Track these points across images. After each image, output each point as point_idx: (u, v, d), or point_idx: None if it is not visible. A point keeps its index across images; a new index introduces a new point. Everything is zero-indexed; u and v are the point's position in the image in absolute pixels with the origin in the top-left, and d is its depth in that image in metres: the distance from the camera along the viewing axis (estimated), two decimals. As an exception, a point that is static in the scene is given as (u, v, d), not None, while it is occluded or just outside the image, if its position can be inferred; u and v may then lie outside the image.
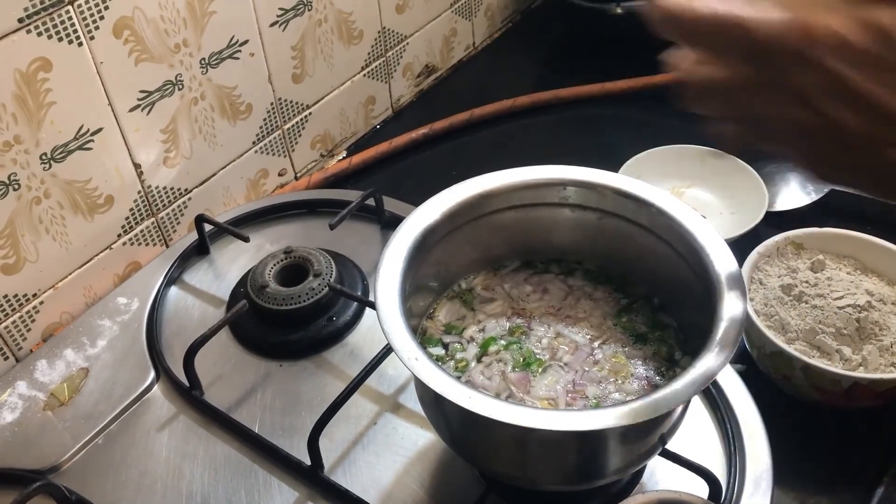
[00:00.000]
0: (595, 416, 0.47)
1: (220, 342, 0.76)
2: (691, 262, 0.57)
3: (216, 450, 0.68)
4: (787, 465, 0.67)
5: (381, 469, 0.66)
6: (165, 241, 0.89)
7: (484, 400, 0.47)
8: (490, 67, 1.26)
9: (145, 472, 0.67)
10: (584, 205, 0.62)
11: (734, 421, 0.66)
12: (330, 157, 1.08)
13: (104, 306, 0.81)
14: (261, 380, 0.73)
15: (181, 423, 0.70)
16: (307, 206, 0.91)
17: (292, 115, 0.99)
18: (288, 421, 0.70)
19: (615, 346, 0.60)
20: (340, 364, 0.74)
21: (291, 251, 0.79)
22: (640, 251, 0.62)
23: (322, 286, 0.76)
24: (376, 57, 1.08)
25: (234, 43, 0.88)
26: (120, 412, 0.71)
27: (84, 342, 0.77)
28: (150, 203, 0.86)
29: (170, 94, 0.83)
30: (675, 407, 0.48)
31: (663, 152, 0.94)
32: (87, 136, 0.77)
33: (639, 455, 0.55)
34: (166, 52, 0.81)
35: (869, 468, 0.67)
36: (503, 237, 0.65)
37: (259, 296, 0.75)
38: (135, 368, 0.74)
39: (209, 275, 0.84)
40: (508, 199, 0.63)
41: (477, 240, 0.63)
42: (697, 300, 0.56)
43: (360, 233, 0.87)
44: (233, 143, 0.93)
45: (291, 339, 0.75)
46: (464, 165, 1.05)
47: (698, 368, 0.49)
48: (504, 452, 0.55)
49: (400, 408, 0.70)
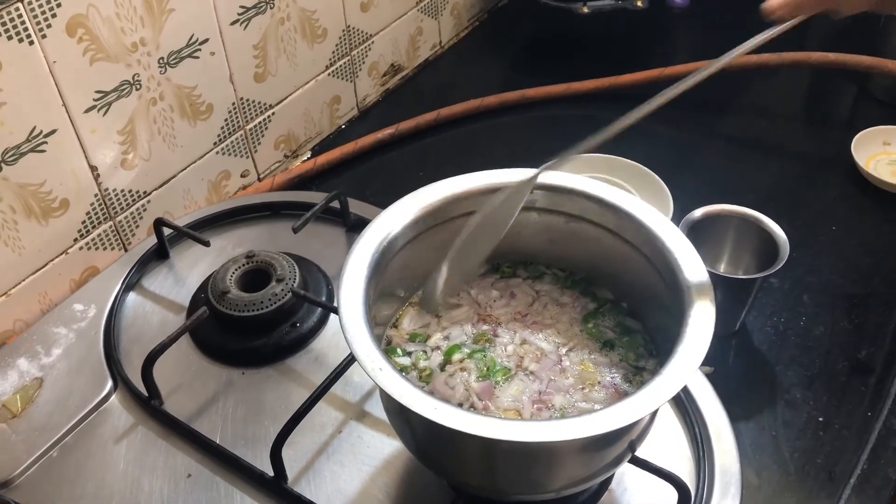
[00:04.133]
0: (561, 426, 0.46)
1: (180, 350, 0.74)
2: (659, 266, 0.57)
3: (176, 461, 0.66)
4: (754, 468, 0.67)
5: (346, 479, 0.64)
6: (124, 245, 0.87)
7: (449, 411, 0.46)
8: (457, 67, 1.25)
9: (102, 486, 0.65)
10: (551, 208, 0.62)
11: (702, 424, 0.66)
12: (294, 158, 1.06)
13: (60, 313, 0.78)
14: (222, 388, 0.71)
15: (140, 434, 0.68)
16: (270, 209, 0.90)
17: (255, 115, 0.97)
18: (250, 430, 0.68)
19: (582, 352, 0.59)
20: (305, 371, 0.72)
21: (253, 255, 0.77)
22: (607, 255, 0.61)
23: (285, 291, 0.74)
24: (341, 56, 1.06)
25: (194, 42, 0.85)
26: (76, 423, 0.69)
27: (38, 350, 0.75)
28: (108, 206, 0.84)
29: (127, 95, 0.81)
30: (642, 417, 0.47)
31: (573, 160, 0.92)
32: (41, 138, 0.74)
33: (608, 463, 0.54)
34: (123, 52, 0.78)
35: (837, 470, 0.67)
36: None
37: (220, 302, 0.73)
38: (91, 377, 0.72)
39: (169, 280, 0.82)
40: (474, 203, 0.61)
41: (443, 245, 0.62)
42: (665, 305, 0.56)
43: (324, 236, 0.86)
44: (193, 145, 0.91)
45: (254, 346, 0.73)
46: (431, 166, 1.04)
47: (667, 376, 0.48)
48: (471, 463, 0.54)
49: (365, 416, 0.68)
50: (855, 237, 0.89)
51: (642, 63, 1.12)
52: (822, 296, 0.82)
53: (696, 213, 0.77)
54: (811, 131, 1.10)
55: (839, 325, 0.79)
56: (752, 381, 0.75)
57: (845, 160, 0.97)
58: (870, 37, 1.09)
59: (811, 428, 0.71)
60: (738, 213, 0.77)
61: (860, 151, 0.96)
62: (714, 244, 0.79)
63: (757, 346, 0.78)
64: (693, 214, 0.77)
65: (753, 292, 0.75)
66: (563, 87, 1.11)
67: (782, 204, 0.92)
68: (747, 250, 0.78)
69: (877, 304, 0.81)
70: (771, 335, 0.79)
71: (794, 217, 0.88)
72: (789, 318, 0.80)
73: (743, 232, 0.78)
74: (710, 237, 0.78)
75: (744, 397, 0.73)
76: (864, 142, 0.97)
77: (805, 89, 1.17)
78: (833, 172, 0.98)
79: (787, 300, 0.82)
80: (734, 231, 0.78)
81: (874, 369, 0.75)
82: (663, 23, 1.22)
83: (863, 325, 0.79)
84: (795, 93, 1.16)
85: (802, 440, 0.70)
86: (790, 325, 0.80)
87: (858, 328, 0.79)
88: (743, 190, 0.95)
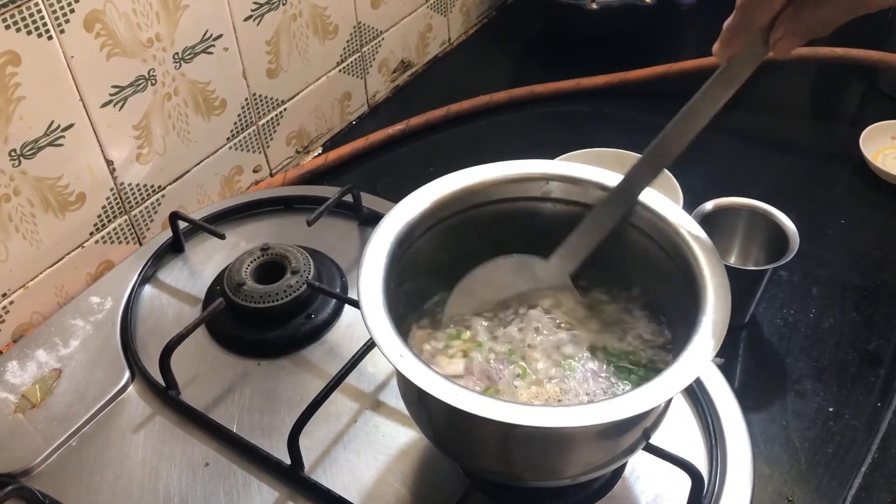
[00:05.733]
0: (579, 412, 0.47)
1: (196, 341, 0.74)
2: (675, 258, 0.57)
3: (194, 450, 0.67)
4: (766, 457, 0.68)
5: (362, 467, 0.65)
6: (139, 239, 0.88)
7: (470, 397, 0.47)
8: (466, 63, 1.26)
9: (121, 475, 0.65)
10: (567, 199, 0.62)
11: (715, 415, 0.67)
12: (306, 154, 1.07)
13: (77, 306, 0.79)
14: (238, 379, 0.72)
15: (157, 424, 0.69)
16: (283, 203, 0.90)
17: (267, 110, 0.98)
18: (266, 420, 0.69)
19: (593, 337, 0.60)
20: (319, 362, 0.73)
21: (268, 248, 0.78)
22: (623, 246, 0.62)
23: (300, 283, 0.75)
24: (352, 52, 1.07)
25: (208, 37, 0.86)
26: (94, 413, 0.70)
27: (56, 342, 0.75)
28: (123, 200, 0.84)
29: (142, 90, 0.82)
30: (659, 404, 0.48)
31: (584, 155, 0.93)
32: (58, 133, 0.75)
33: (624, 450, 0.55)
34: (139, 47, 0.79)
35: (847, 460, 0.68)
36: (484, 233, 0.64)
37: (236, 293, 0.74)
38: (109, 369, 0.73)
39: (184, 273, 0.83)
40: (490, 194, 0.62)
41: (459, 235, 0.63)
42: (681, 297, 0.56)
43: (337, 229, 0.86)
44: (207, 140, 0.91)
45: (269, 338, 0.74)
46: (441, 162, 1.04)
47: (682, 364, 0.49)
48: (489, 449, 0.54)
49: (381, 405, 0.69)
50: (864, 230, 0.90)
51: (651, 59, 1.12)
52: (831, 288, 0.83)
53: (707, 205, 0.78)
54: (819, 126, 1.10)
55: (848, 317, 0.80)
56: (762, 373, 0.76)
57: (854, 154, 0.97)
58: (878, 31, 1.09)
59: (821, 418, 0.71)
60: (747, 206, 0.78)
61: (868, 146, 0.97)
62: (724, 236, 0.80)
63: (767, 337, 0.79)
64: (704, 207, 0.77)
65: (763, 284, 0.75)
66: (572, 82, 1.12)
67: (791, 198, 0.92)
68: (757, 242, 0.79)
69: (886, 296, 0.82)
70: (781, 327, 0.79)
71: (803, 211, 0.88)
72: (799, 310, 0.81)
73: (753, 224, 0.78)
74: (721, 229, 0.78)
75: (755, 388, 0.74)
76: (872, 136, 0.98)
77: (813, 84, 1.17)
78: (842, 167, 0.99)
79: (797, 292, 0.83)
80: (744, 223, 0.79)
81: (883, 360, 0.76)
82: (671, 19, 1.22)
83: (872, 317, 0.80)
84: (803, 88, 1.17)
85: (813, 430, 0.70)
86: (800, 316, 0.80)
87: (868, 320, 0.79)
88: (752, 184, 0.96)
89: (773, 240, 0.76)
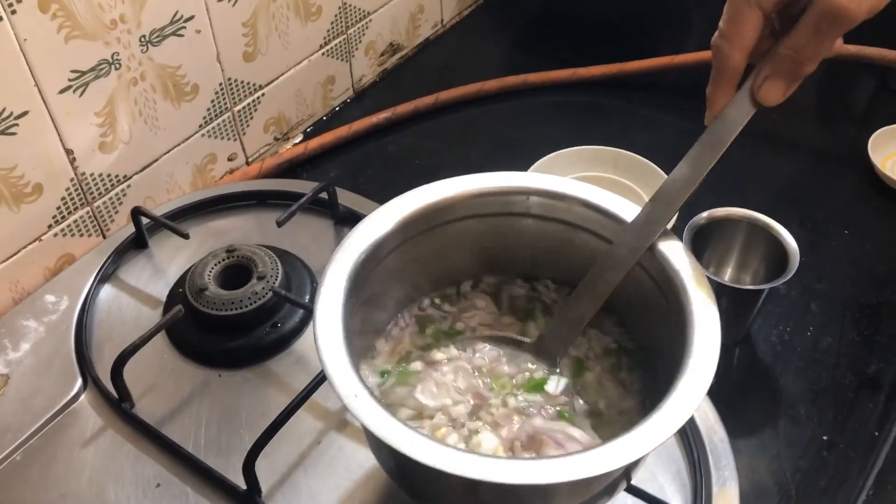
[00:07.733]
0: (552, 466, 0.43)
1: (155, 347, 0.70)
2: (662, 284, 0.53)
3: (145, 469, 0.63)
4: (754, 489, 0.64)
5: (324, 495, 0.61)
6: (102, 231, 0.83)
7: (429, 446, 0.43)
8: (458, 47, 1.20)
9: (66, 494, 0.61)
10: (548, 216, 0.58)
11: (700, 445, 0.63)
12: (285, 141, 1.01)
13: (31, 305, 0.74)
14: (198, 390, 0.68)
15: (108, 439, 0.65)
16: (256, 198, 0.86)
17: (243, 96, 0.93)
18: (224, 438, 0.64)
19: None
20: (285, 374, 0.69)
21: (234, 250, 0.73)
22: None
23: (266, 290, 0.70)
24: (336, 34, 1.02)
25: (178, 19, 0.81)
26: (41, 425, 0.65)
27: (6, 345, 0.71)
28: (85, 191, 0.80)
29: (105, 75, 0.76)
30: (638, 458, 0.43)
31: (578, 153, 0.88)
32: (11, 120, 0.70)
33: (601, 491, 0.51)
34: (101, 29, 0.74)
35: (840, 494, 0.64)
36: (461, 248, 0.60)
37: (197, 299, 0.70)
38: (60, 376, 0.69)
39: (146, 271, 0.78)
40: (468, 208, 0.57)
41: (433, 251, 0.58)
42: (666, 325, 0.52)
43: (312, 228, 0.82)
44: (177, 127, 0.86)
45: (232, 347, 0.70)
46: (427, 153, 1.00)
47: (670, 408, 0.45)
48: (454, 495, 0.50)
49: (347, 426, 0.65)
50: (868, 242, 0.85)
51: (651, 50, 1.07)
52: (831, 305, 0.79)
53: (702, 216, 0.73)
54: (826, 128, 1.05)
55: (848, 337, 0.76)
56: (754, 395, 0.72)
57: (861, 159, 0.92)
58: (893, 28, 1.04)
59: (814, 447, 0.67)
60: (746, 217, 0.73)
61: (877, 151, 0.92)
62: (721, 248, 0.75)
63: (760, 356, 0.74)
64: (699, 218, 0.73)
65: (759, 303, 0.71)
66: (568, 72, 1.07)
67: (793, 205, 0.88)
68: (756, 255, 0.74)
69: (889, 316, 0.77)
70: (776, 345, 0.75)
71: (805, 219, 0.84)
72: (796, 327, 0.76)
73: (751, 237, 0.74)
74: (717, 240, 0.74)
75: (745, 411, 0.70)
76: (881, 140, 0.93)
77: (821, 82, 1.12)
78: (848, 172, 0.94)
79: (795, 308, 0.78)
80: (742, 235, 0.74)
81: (883, 386, 0.71)
82: (674, 9, 1.17)
83: (873, 338, 0.75)
84: (811, 86, 1.11)
85: (805, 460, 0.66)
86: (796, 335, 0.76)
87: (868, 341, 0.75)
88: (753, 189, 0.91)
89: (772, 253, 0.72)
